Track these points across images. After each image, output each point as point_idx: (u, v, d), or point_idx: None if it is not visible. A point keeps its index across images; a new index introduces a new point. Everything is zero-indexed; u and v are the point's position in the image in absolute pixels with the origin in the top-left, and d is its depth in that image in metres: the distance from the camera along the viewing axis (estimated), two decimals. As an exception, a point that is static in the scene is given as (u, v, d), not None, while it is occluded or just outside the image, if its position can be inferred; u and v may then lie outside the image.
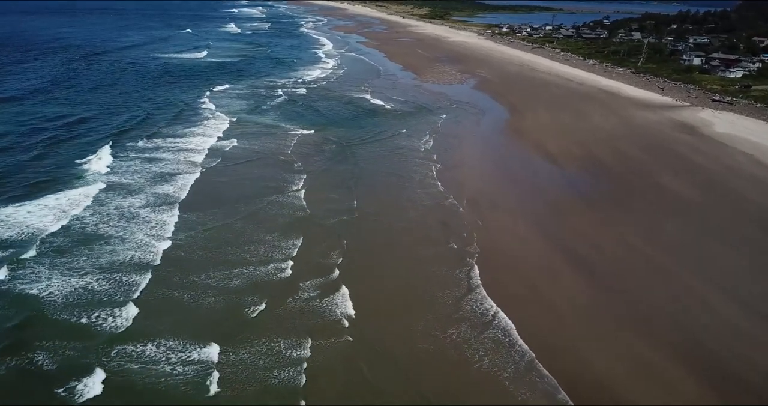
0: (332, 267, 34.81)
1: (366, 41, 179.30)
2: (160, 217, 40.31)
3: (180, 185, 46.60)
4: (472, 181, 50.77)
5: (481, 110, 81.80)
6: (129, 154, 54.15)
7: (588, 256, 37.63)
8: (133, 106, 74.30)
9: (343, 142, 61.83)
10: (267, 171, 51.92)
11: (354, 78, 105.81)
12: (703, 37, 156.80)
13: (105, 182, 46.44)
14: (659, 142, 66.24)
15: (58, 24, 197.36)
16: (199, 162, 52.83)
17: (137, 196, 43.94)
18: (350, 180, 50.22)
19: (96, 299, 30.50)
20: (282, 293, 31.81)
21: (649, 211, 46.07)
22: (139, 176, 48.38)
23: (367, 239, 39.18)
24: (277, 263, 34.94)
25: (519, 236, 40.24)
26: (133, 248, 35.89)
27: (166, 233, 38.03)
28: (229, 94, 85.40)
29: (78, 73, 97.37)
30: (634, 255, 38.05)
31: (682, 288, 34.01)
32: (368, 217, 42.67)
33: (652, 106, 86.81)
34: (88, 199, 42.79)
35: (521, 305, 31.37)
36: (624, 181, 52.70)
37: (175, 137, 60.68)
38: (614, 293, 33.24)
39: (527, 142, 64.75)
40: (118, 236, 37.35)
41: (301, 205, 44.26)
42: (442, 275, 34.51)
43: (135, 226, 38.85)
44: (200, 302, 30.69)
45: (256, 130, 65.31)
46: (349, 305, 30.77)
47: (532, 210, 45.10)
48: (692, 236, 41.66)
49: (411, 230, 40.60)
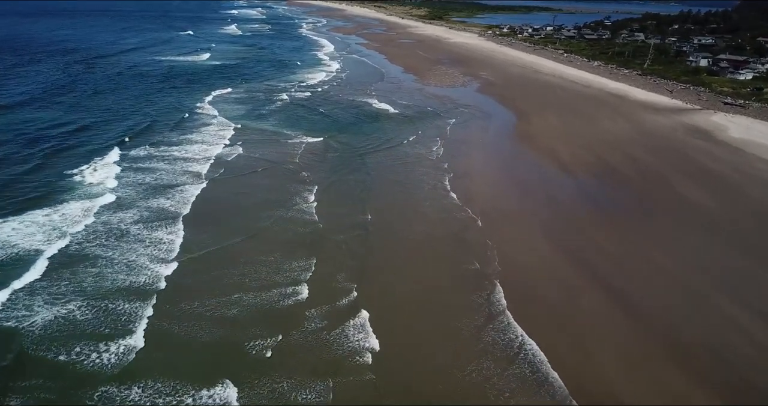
0: (350, 293, 32.30)
1: (366, 43, 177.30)
2: (159, 236, 37.90)
3: (181, 200, 44.22)
4: (485, 192, 48.68)
5: (487, 114, 79.74)
6: (126, 165, 51.74)
7: (614, 277, 35.50)
8: (133, 112, 72.01)
9: (352, 150, 59.68)
10: (274, 183, 49.58)
11: (357, 81, 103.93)
12: (708, 38, 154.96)
13: (99, 196, 44.06)
14: (673, 149, 64.19)
15: (56, 26, 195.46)
16: (202, 173, 50.47)
17: (134, 212, 41.50)
18: (362, 192, 48.04)
19: (86, 333, 27.79)
20: (298, 324, 29.36)
21: (671, 224, 43.96)
22: (136, 190, 45.99)
23: (384, 260, 36.71)
24: (290, 288, 32.47)
25: (540, 253, 38.06)
26: (129, 273, 33.30)
27: (167, 254, 35.62)
28: (232, 99, 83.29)
29: (77, 77, 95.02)
30: (662, 276, 35.86)
31: (719, 316, 31.69)
32: (383, 233, 40.37)
33: (663, 110, 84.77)
34: (81, 216, 40.37)
35: (550, 334, 29.21)
36: (640, 191, 50.60)
37: (176, 145, 58.44)
38: (648, 322, 30.97)
39: (537, 148, 62.64)
40: (112, 258, 34.79)
41: (312, 220, 41.93)
42: (466, 299, 32.24)
43: (131, 247, 36.31)
44: (207, 336, 28.15)
45: (261, 138, 63.14)
46: (371, 337, 28.44)
47: (550, 224, 42.94)
48: (720, 253, 39.58)
49: (430, 248, 38.30)
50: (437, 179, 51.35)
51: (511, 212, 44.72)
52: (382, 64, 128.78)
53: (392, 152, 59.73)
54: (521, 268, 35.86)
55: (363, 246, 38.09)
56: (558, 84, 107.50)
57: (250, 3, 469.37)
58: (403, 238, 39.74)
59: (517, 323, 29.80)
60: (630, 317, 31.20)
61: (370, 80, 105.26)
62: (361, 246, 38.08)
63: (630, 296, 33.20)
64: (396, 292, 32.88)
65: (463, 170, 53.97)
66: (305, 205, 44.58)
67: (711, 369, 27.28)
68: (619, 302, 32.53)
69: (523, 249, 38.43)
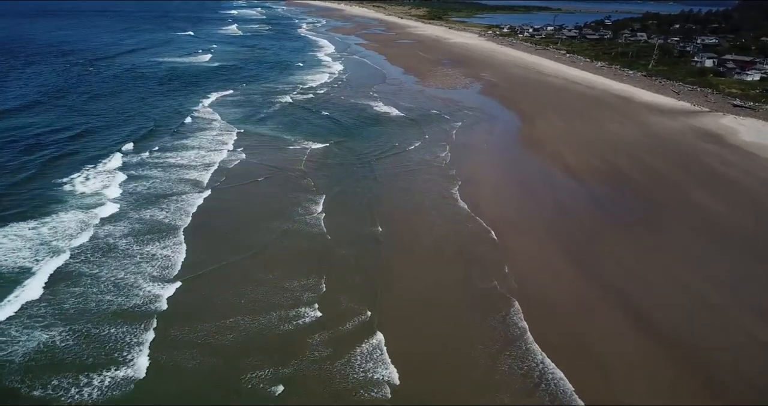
0: (363, 316, 30.35)
1: (365, 43, 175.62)
2: (158, 252, 35.91)
3: (181, 211, 42.23)
4: (495, 201, 46.98)
5: (491, 117, 78.03)
6: (122, 173, 49.77)
7: (633, 293, 33.78)
8: (132, 117, 70.07)
9: (358, 157, 57.83)
10: (279, 192, 47.59)
11: (358, 82, 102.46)
12: (711, 38, 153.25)
13: (93, 208, 42.19)
14: (684, 153, 62.46)
15: (56, 27, 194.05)
16: (203, 182, 48.49)
17: (130, 226, 39.57)
18: (370, 202, 46.13)
19: (75, 363, 25.76)
20: (308, 350, 27.47)
21: (686, 233, 42.23)
22: (132, 200, 44.05)
23: (398, 278, 34.60)
24: (300, 311, 30.51)
25: (555, 268, 36.27)
26: (126, 295, 31.14)
27: (167, 273, 33.64)
28: (233, 102, 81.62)
29: (75, 80, 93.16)
30: (682, 292, 34.20)
31: (751, 344, 29.85)
32: (395, 247, 38.40)
33: (670, 112, 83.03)
34: (72, 229, 38.44)
35: (573, 360, 27.49)
36: (654, 200, 48.79)
37: (176, 151, 56.68)
38: (673, 348, 29.10)
39: (544, 153, 60.84)
40: (106, 278, 32.71)
41: (320, 233, 40.00)
42: (485, 321, 30.48)
43: (127, 265, 34.34)
44: (212, 365, 26.27)
45: (263, 143, 61.36)
46: (388, 367, 26.53)
47: (564, 235, 41.20)
48: (739, 264, 37.92)
49: (444, 264, 36.44)
50: (446, 187, 49.58)
51: (523, 222, 42.98)
52: (382, 66, 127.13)
53: (399, 159, 57.90)
54: (538, 285, 34.11)
55: (374, 263, 36.19)
56: (561, 85, 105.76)
57: (249, 3, 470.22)
58: (416, 252, 37.89)
59: (539, 347, 28.15)
60: (654, 339, 29.51)
61: (371, 82, 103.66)
62: (372, 263, 36.19)
63: (652, 315, 31.52)
64: (412, 314, 30.99)
65: (472, 177, 52.21)
66: (312, 216, 42.67)
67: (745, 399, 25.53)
68: (641, 323, 30.87)
69: (539, 264, 36.69)
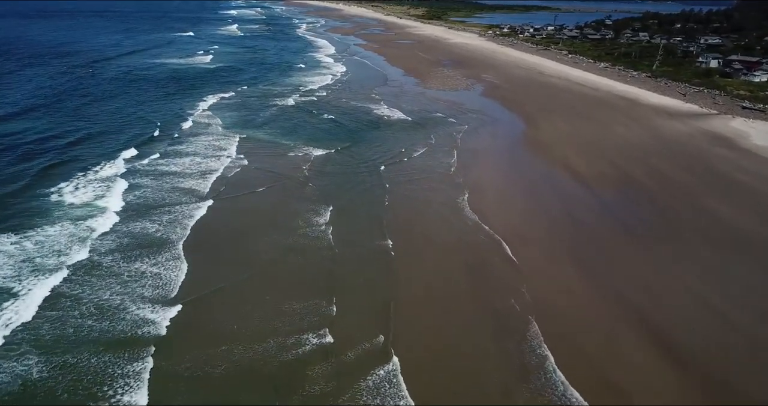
0: (378, 343, 28.15)
1: (364, 44, 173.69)
2: (154, 272, 33.53)
3: (179, 225, 39.92)
4: (505, 211, 44.92)
5: (496, 120, 76.11)
6: (116, 183, 47.58)
7: (654, 314, 31.78)
8: (130, 122, 68.00)
9: (365, 164, 55.63)
10: (282, 203, 45.31)
11: (360, 84, 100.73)
12: (715, 38, 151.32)
13: (83, 220, 40.03)
14: (695, 158, 60.49)
15: (55, 28, 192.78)
16: (202, 192, 46.25)
17: (124, 241, 37.38)
18: (379, 213, 43.83)
19: (71, 396, 23.89)
20: (323, 383, 25.42)
21: (705, 247, 40.14)
22: (127, 212, 41.83)
23: (412, 299, 32.25)
24: (310, 336, 28.34)
25: (572, 286, 34.17)
26: (121, 321, 28.86)
27: (165, 295, 31.32)
28: (234, 105, 79.80)
29: (74, 84, 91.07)
30: (703, 311, 32.21)
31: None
32: (408, 264, 35.97)
33: (678, 115, 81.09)
34: (59, 245, 36.21)
35: (598, 390, 25.51)
36: (667, 208, 46.82)
37: (174, 158, 54.74)
38: (700, 377, 27.13)
39: (552, 159, 58.79)
40: (97, 301, 30.53)
41: (328, 248, 37.74)
42: (506, 345, 28.51)
43: (118, 286, 32.05)
44: (218, 399, 24.38)
45: (265, 150, 59.20)
46: (407, 400, 24.63)
47: (578, 249, 39.07)
48: (763, 280, 35.83)
49: (460, 281, 34.26)
50: (455, 197, 47.37)
51: (535, 234, 40.88)
52: (382, 67, 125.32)
53: (406, 166, 55.68)
54: (554, 305, 32.00)
55: (386, 282, 33.88)
56: (565, 87, 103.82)
57: (248, 3, 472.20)
58: (430, 269, 35.67)
59: (563, 375, 26.21)
60: (680, 366, 27.45)
61: (372, 83, 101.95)
62: (384, 281, 33.91)
63: (674, 338, 29.49)
64: (429, 339, 28.73)
65: (479, 185, 50.19)
66: (319, 230, 40.32)
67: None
68: (663, 346, 28.87)
69: (555, 281, 34.57)
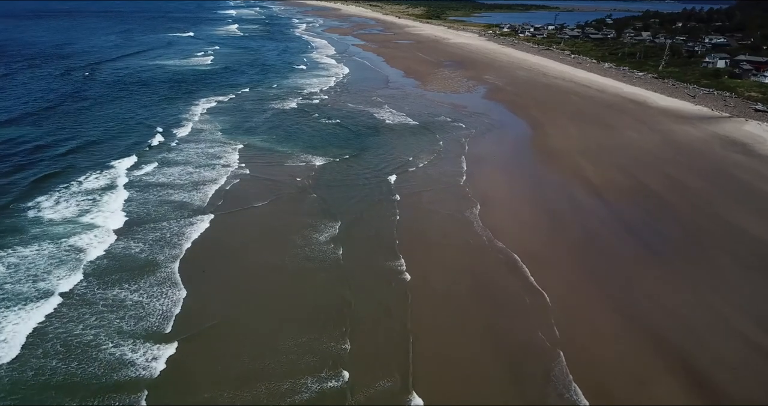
0: (397, 384, 25.13)
1: (363, 44, 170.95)
2: (146, 301, 30.22)
3: (170, 246, 36.54)
4: (521, 228, 41.76)
5: (501, 125, 73.32)
6: (102, 196, 44.35)
7: (687, 346, 28.81)
8: (124, 129, 65.05)
9: (372, 174, 52.46)
10: (286, 219, 41.76)
11: (361, 87, 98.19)
12: (719, 37, 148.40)
13: (65, 238, 36.87)
14: (713, 166, 57.57)
15: (55, 29, 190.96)
16: (198, 207, 42.89)
17: (109, 264, 34.13)
18: (391, 231, 40.52)
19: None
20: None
21: (736, 269, 36.97)
22: (113, 230, 38.48)
23: (434, 331, 29.23)
24: (322, 377, 25.33)
25: (598, 318, 31.06)
26: (109, 363, 25.61)
27: (158, 328, 27.99)
28: (234, 111, 77.02)
29: (71, 88, 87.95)
30: (734, 339, 29.29)
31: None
32: (426, 294, 32.55)
33: (689, 118, 78.21)
34: (37, 268, 32.98)
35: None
36: (690, 223, 43.71)
37: (168, 168, 51.69)
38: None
39: (564, 168, 55.71)
40: (83, 338, 27.19)
41: (338, 270, 34.50)
42: (536, 386, 25.56)
43: (108, 318, 28.82)
44: None
45: (266, 159, 55.96)
46: None
47: (601, 273, 35.95)
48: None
49: (483, 312, 31.06)
50: (467, 211, 44.23)
51: (554, 255, 37.63)
52: (383, 68, 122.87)
53: (415, 176, 52.36)
54: (584, 341, 28.87)
55: (402, 310, 30.72)
56: (570, 89, 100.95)
57: (247, 3, 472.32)
58: (449, 295, 32.42)
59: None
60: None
61: (374, 86, 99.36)
62: (400, 310, 30.72)
63: (718, 383, 26.41)
64: (455, 382, 25.60)
65: (491, 198, 47.05)
66: (327, 251, 36.94)
67: None
68: (696, 385, 25.90)
69: (580, 312, 31.42)
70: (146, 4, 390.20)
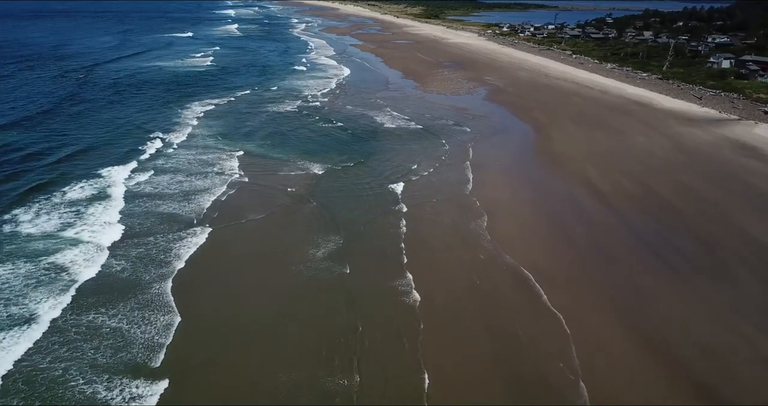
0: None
1: (361, 44, 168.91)
2: (132, 331, 27.93)
3: (156, 265, 34.29)
4: (529, 244, 39.70)
5: (505, 129, 71.38)
6: (86, 208, 42.24)
7: (711, 384, 26.86)
8: (116, 135, 62.73)
9: (375, 183, 50.19)
10: (286, 234, 39.44)
11: (360, 89, 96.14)
12: (722, 37, 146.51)
13: (42, 256, 34.69)
14: (726, 173, 55.60)
15: (53, 30, 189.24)
16: (191, 220, 40.60)
17: (91, 288, 31.95)
18: (399, 245, 38.35)
19: None
20: None
21: (753, 282, 35.24)
22: (96, 248, 36.30)
23: (451, 366, 26.87)
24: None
25: (618, 348, 29.01)
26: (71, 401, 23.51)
27: (147, 363, 25.69)
28: (231, 114, 74.98)
29: (67, 91, 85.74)
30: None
31: None
32: (439, 323, 30.10)
33: (697, 121, 76.30)
34: (12, 290, 30.78)
35: None
36: (708, 236, 41.26)
37: (162, 176, 49.75)
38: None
39: (570, 176, 53.56)
40: (65, 374, 25.09)
41: (343, 291, 32.35)
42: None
43: (91, 348, 26.66)
44: None
45: (266, 167, 53.65)
46: None
47: (618, 294, 33.81)
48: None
49: (501, 341, 28.88)
50: (476, 223, 42.19)
51: (568, 273, 35.60)
52: (382, 69, 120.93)
53: (420, 185, 49.95)
54: (603, 365, 27.05)
55: (414, 342, 28.39)
56: (572, 90, 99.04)
57: (246, 2, 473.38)
58: (462, 319, 30.34)
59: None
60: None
61: (373, 88, 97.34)
62: (412, 341, 28.41)
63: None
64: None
65: (498, 208, 45.05)
66: (330, 270, 34.58)
67: None
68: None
69: (598, 336, 29.35)
70: (145, 4, 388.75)
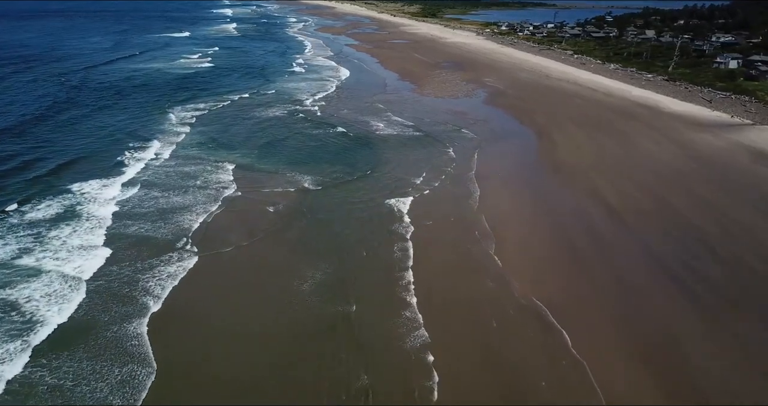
0: None
1: (357, 44, 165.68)
2: (107, 373, 24.68)
3: (129, 300, 30.68)
4: (543, 273, 36.03)
5: (507, 135, 67.93)
6: (57, 229, 38.56)
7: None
8: (104, 145, 58.88)
9: (377, 200, 46.02)
10: (280, 266, 35.29)
11: (357, 92, 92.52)
12: (727, 36, 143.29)
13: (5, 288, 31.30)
14: (744, 182, 52.23)
15: (48, 30, 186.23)
16: (172, 246, 36.76)
17: (60, 333, 28.34)
18: (406, 280, 34.14)
19: None
20: None
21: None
22: (58, 280, 32.68)
23: None
24: None
25: (642, 384, 25.78)
26: None
27: None
28: (230, 118, 72.05)
29: (56, 96, 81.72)
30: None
31: None
32: (454, 378, 26.06)
33: (708, 126, 72.92)
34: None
35: None
36: (733, 261, 37.18)
37: (147, 189, 46.38)
38: None
39: (578, 189, 49.88)
40: None
41: (347, 341, 28.32)
42: None
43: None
44: None
45: (258, 181, 49.71)
46: None
47: (639, 332, 30.22)
48: None
49: (516, 382, 25.87)
50: (482, 248, 38.52)
51: (589, 310, 31.92)
52: (378, 71, 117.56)
53: (424, 204, 45.67)
54: None
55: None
56: (575, 92, 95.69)
57: (243, 2, 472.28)
58: (484, 379, 26.34)
59: None
60: None
61: (371, 90, 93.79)
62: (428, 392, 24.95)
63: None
64: None
65: (506, 231, 41.29)
66: (331, 315, 30.27)
67: None
68: None
69: (629, 389, 25.80)
70: (144, 3, 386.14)
